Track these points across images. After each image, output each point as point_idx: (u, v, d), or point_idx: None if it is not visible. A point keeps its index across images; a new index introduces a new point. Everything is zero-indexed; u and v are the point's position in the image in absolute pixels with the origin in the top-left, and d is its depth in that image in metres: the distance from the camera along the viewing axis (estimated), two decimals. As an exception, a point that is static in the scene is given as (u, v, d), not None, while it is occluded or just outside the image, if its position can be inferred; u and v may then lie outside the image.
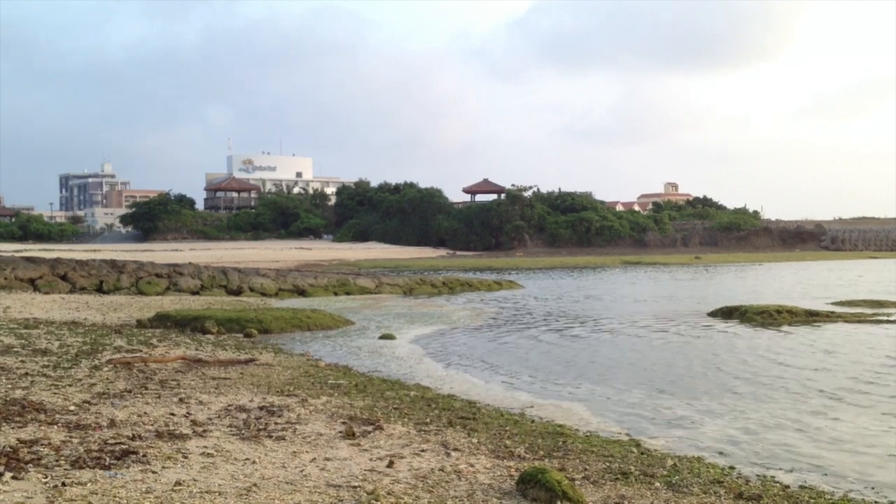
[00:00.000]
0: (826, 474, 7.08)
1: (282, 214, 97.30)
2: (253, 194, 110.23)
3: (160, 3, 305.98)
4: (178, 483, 5.42)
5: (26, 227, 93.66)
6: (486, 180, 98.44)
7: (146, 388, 9.34)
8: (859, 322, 19.98)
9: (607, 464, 6.79)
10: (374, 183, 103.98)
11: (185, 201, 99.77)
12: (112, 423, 7.29)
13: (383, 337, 16.77)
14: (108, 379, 9.86)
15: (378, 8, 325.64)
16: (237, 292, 27.63)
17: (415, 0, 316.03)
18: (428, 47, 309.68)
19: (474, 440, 7.49)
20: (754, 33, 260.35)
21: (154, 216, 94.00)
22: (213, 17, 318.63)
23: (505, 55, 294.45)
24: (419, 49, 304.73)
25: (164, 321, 17.48)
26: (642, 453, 7.38)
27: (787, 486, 6.47)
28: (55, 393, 8.68)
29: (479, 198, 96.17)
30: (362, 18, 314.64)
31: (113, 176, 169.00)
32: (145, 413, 7.91)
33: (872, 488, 6.68)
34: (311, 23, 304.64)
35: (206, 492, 5.29)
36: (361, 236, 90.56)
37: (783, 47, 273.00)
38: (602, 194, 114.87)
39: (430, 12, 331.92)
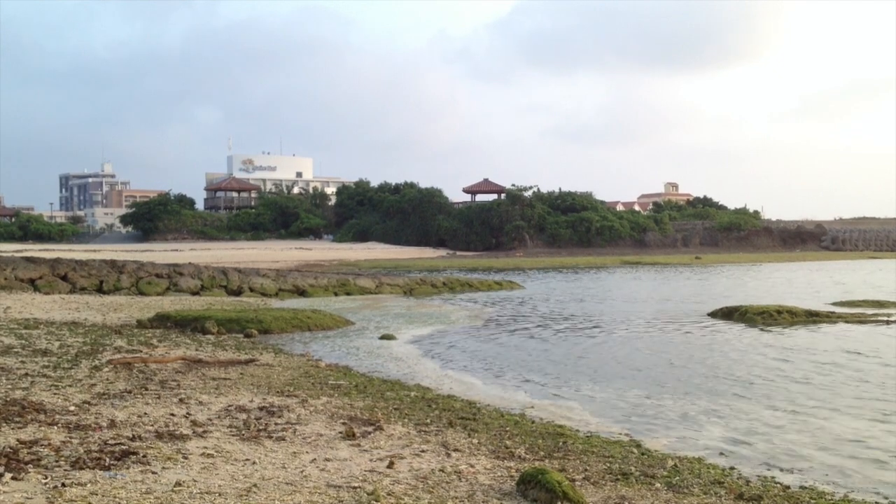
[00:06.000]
0: (826, 474, 7.08)
1: (282, 214, 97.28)
2: (253, 194, 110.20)
3: (142, 3, 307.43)
4: (178, 484, 5.42)
5: (26, 227, 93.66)
6: (486, 180, 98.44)
7: (146, 389, 9.33)
8: (860, 322, 19.97)
9: (608, 464, 6.79)
10: (375, 183, 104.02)
11: (185, 201, 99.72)
12: (112, 424, 7.29)
13: (383, 337, 16.77)
14: (108, 379, 9.86)
15: (358, 8, 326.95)
16: (237, 293, 27.63)
17: (393, 1, 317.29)
18: (410, 48, 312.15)
19: (474, 441, 7.49)
20: (738, 33, 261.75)
21: (154, 216, 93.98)
22: (196, 18, 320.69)
23: (488, 56, 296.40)
24: (403, 49, 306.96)
25: (164, 321, 17.47)
26: (643, 454, 7.37)
27: (788, 487, 6.47)
28: (55, 393, 8.68)
29: (480, 198, 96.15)
30: (343, 19, 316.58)
31: (113, 176, 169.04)
32: (145, 413, 7.91)
33: (873, 488, 6.68)
34: (294, 23, 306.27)
35: (206, 492, 5.29)
36: (362, 236, 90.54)
37: (769, 48, 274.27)
38: (602, 194, 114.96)
39: (409, 13, 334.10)
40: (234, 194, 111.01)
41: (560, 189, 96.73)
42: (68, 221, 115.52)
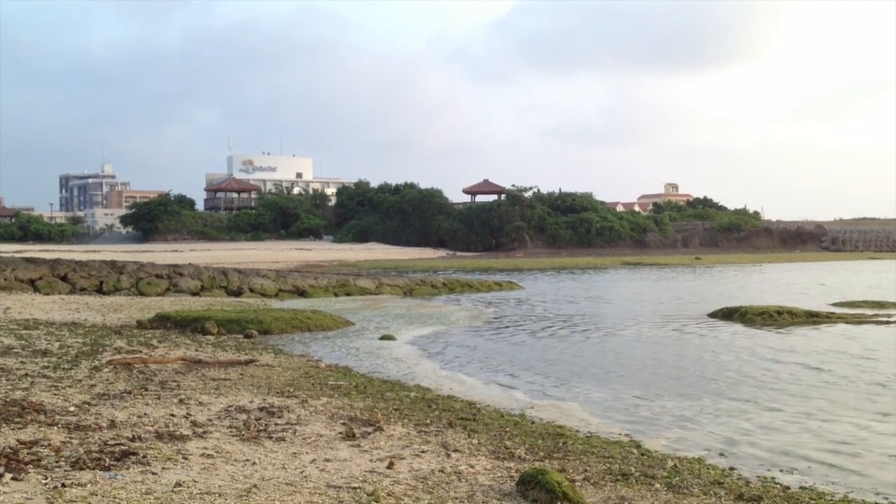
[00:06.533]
0: (826, 475, 7.08)
1: (282, 215, 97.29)
2: (253, 195, 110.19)
3: (137, 3, 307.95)
4: (178, 484, 5.42)
5: (26, 228, 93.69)
6: (486, 181, 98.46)
7: (146, 389, 9.33)
8: (860, 323, 19.96)
9: (607, 465, 6.79)
10: (374, 183, 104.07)
11: (185, 202, 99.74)
12: (112, 424, 7.29)
13: (383, 338, 16.76)
14: (108, 380, 9.86)
15: (358, 8, 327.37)
16: (237, 293, 27.63)
17: (393, 1, 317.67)
18: (410, 48, 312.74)
19: (474, 441, 7.49)
20: (738, 33, 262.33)
21: (154, 217, 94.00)
22: (194, 18, 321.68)
23: (487, 56, 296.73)
24: (402, 49, 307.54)
25: (164, 322, 17.47)
26: (643, 454, 7.37)
27: (788, 487, 6.47)
28: (55, 394, 8.68)
29: (480, 198, 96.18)
30: (343, 19, 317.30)
31: (113, 176, 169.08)
32: (145, 414, 7.91)
33: (873, 489, 6.67)
34: (294, 23, 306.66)
35: (206, 493, 5.29)
36: (362, 237, 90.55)
37: (769, 48, 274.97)
38: (602, 195, 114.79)
39: (409, 13, 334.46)
40: (234, 195, 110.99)
41: (560, 189, 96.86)
42: (68, 222, 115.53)
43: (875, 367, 13.30)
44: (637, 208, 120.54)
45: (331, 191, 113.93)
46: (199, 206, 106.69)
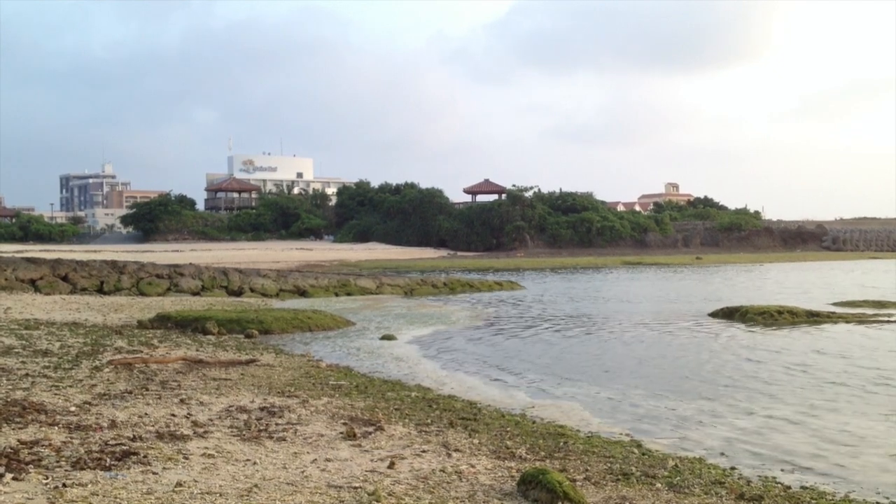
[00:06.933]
0: (827, 475, 7.07)
1: (282, 215, 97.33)
2: (254, 195, 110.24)
3: (136, 3, 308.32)
4: (178, 484, 5.42)
5: (27, 228, 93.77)
6: (486, 181, 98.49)
7: (147, 389, 9.33)
8: (860, 323, 19.95)
9: (608, 465, 6.79)
10: (375, 183, 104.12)
11: (185, 202, 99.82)
12: (113, 424, 7.29)
13: (384, 337, 16.76)
14: (108, 380, 9.86)
15: (358, 8, 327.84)
16: (238, 293, 27.63)
17: (393, 1, 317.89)
18: (410, 48, 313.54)
19: (475, 441, 7.49)
20: (738, 33, 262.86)
21: (155, 217, 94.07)
22: (194, 18, 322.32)
23: (487, 56, 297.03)
24: (402, 49, 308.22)
25: (164, 322, 17.47)
26: (643, 454, 7.37)
27: (789, 487, 6.46)
28: (56, 394, 8.68)
29: (480, 198, 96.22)
30: (343, 19, 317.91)
31: (114, 176, 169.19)
32: (146, 414, 7.91)
33: (874, 489, 6.67)
34: (294, 23, 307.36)
35: (207, 493, 5.29)
36: (362, 237, 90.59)
37: (769, 48, 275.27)
38: (603, 195, 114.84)
39: (408, 13, 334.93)
40: (235, 195, 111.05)
41: (560, 189, 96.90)
42: (69, 222, 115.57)
43: (875, 366, 13.28)
44: (638, 208, 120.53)
45: (331, 191, 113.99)
46: (200, 206, 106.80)
